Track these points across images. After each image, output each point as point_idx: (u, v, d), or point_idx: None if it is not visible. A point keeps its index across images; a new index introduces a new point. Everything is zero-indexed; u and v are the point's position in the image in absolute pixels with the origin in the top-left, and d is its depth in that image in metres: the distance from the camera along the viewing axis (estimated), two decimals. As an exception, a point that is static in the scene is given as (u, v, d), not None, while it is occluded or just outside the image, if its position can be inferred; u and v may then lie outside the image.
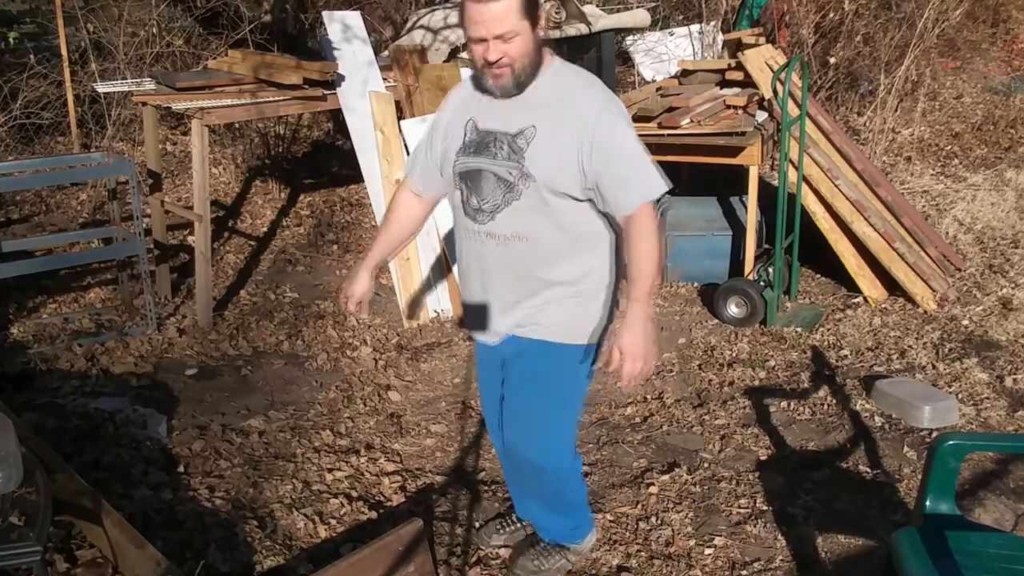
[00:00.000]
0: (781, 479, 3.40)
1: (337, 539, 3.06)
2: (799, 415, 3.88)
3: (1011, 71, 9.58)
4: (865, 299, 4.93)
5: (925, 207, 6.08)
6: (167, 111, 5.17)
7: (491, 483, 3.40)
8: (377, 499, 3.30)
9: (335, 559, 2.72)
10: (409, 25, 7.02)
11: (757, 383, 4.17)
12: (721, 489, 3.35)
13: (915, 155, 7.13)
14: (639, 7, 8.45)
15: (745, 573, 2.91)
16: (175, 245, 5.75)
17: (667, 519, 3.17)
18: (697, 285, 5.21)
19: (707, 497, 3.30)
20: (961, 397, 3.94)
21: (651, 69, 8.31)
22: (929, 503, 2.41)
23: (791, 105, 4.92)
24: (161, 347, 4.46)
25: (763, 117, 4.91)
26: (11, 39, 7.42)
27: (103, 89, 5.60)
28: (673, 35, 8.59)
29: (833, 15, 7.56)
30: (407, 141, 4.85)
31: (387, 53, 5.74)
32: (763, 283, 4.75)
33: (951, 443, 2.44)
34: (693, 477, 3.42)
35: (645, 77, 8.25)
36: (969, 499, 3.21)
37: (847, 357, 4.38)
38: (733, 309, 4.75)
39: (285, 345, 4.58)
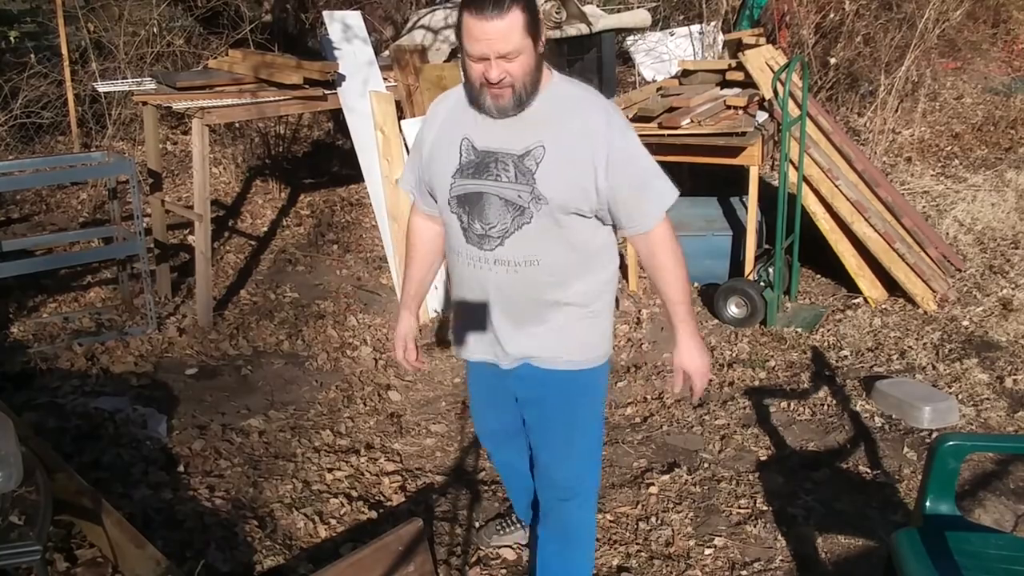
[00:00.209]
0: (781, 479, 3.40)
1: (337, 539, 3.06)
2: (799, 415, 3.88)
3: (1011, 72, 9.57)
4: (865, 300, 4.93)
5: (925, 208, 6.08)
6: (167, 111, 5.17)
7: (491, 483, 3.40)
8: (377, 499, 3.30)
9: (335, 559, 2.72)
10: (410, 25, 7.02)
11: (757, 383, 4.17)
12: (721, 489, 3.35)
13: (915, 156, 7.13)
14: (639, 7, 8.45)
15: (745, 573, 2.91)
16: (175, 245, 5.75)
17: (667, 519, 3.17)
18: (697, 285, 5.21)
19: (707, 497, 3.30)
20: (961, 398, 3.94)
21: (651, 69, 8.30)
22: (929, 503, 2.42)
23: (791, 105, 4.92)
24: (161, 347, 4.46)
25: (763, 117, 4.91)
26: (12, 38, 7.41)
27: (103, 88, 5.60)
28: (673, 35, 8.58)
29: (833, 15, 7.55)
30: (407, 141, 4.85)
31: (387, 53, 5.74)
32: (763, 283, 4.75)
33: (951, 444, 2.44)
34: (693, 477, 3.42)
35: (645, 77, 8.24)
36: (969, 499, 3.21)
37: (847, 357, 4.38)
38: (733, 309, 4.75)
39: (285, 345, 4.58)
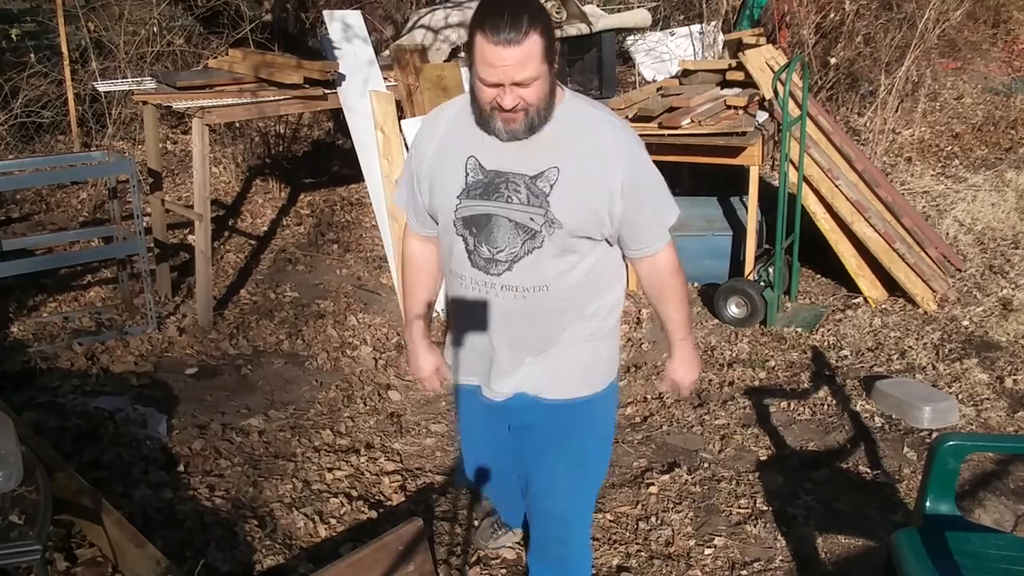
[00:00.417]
0: (781, 479, 3.40)
1: (337, 539, 3.06)
2: (799, 415, 3.88)
3: (1012, 72, 9.56)
4: (865, 299, 4.93)
5: (925, 208, 6.08)
6: (168, 110, 5.16)
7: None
8: (377, 499, 3.30)
9: (335, 559, 2.72)
10: (410, 24, 7.01)
11: (757, 383, 4.17)
12: (721, 489, 3.35)
13: (915, 156, 7.13)
14: (640, 7, 8.44)
15: (745, 573, 2.91)
16: (175, 244, 5.75)
17: (667, 519, 3.17)
18: (697, 285, 5.20)
19: (707, 497, 3.30)
20: (961, 398, 3.94)
21: (652, 69, 8.30)
22: (929, 503, 2.42)
23: (791, 105, 4.92)
24: (161, 346, 4.46)
25: (764, 117, 4.91)
26: (14, 35, 7.41)
27: (103, 88, 5.60)
28: (674, 35, 8.58)
29: (834, 15, 7.55)
30: (407, 141, 4.85)
31: (388, 52, 5.74)
32: (763, 283, 4.75)
33: (951, 444, 2.44)
34: (693, 477, 3.42)
35: (646, 77, 8.24)
36: (969, 499, 3.22)
37: (847, 357, 4.38)
38: (733, 309, 4.75)
39: (285, 344, 4.58)
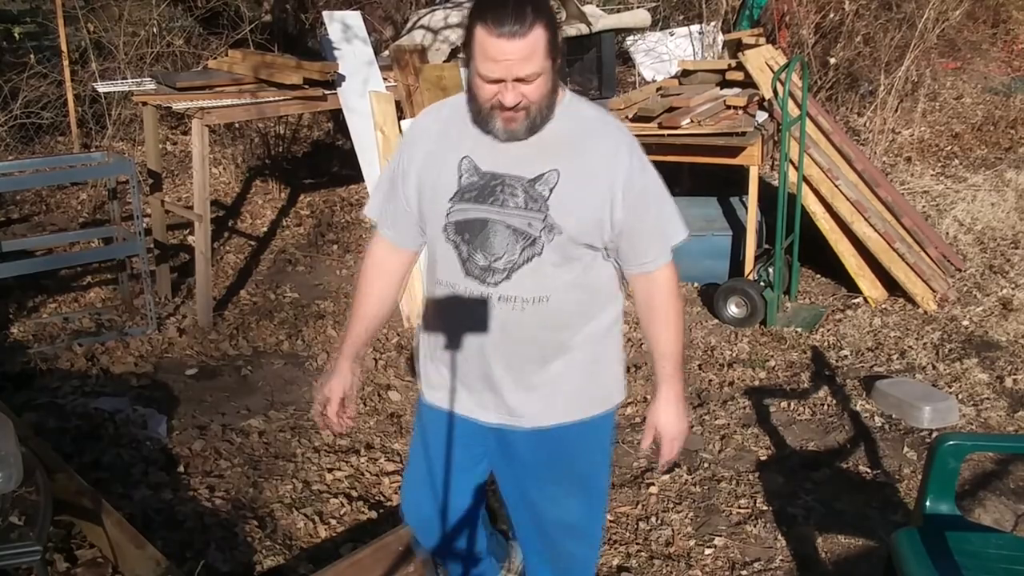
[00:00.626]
0: (781, 479, 3.40)
1: (337, 539, 3.06)
2: (799, 415, 3.88)
3: (1011, 71, 9.57)
4: (865, 299, 4.93)
5: (925, 207, 6.08)
6: (167, 111, 5.17)
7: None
8: (377, 499, 3.30)
9: (335, 559, 2.72)
10: (409, 25, 7.02)
11: (757, 383, 4.17)
12: (721, 489, 3.35)
13: (915, 155, 7.13)
14: (639, 7, 8.45)
15: (745, 573, 2.91)
16: (175, 245, 5.74)
17: (667, 519, 3.17)
18: (697, 285, 5.20)
19: (707, 497, 3.30)
20: (961, 397, 3.94)
21: (651, 69, 8.30)
22: (929, 503, 2.42)
23: (791, 105, 4.92)
24: (161, 347, 4.46)
25: (763, 117, 4.91)
26: (17, 34, 7.41)
27: (103, 89, 5.60)
28: (673, 35, 8.58)
29: (833, 15, 7.56)
30: (407, 141, 4.84)
31: (387, 53, 5.74)
32: (763, 283, 4.75)
33: (951, 443, 2.44)
34: (693, 477, 3.42)
35: (645, 77, 8.24)
36: (969, 499, 3.21)
37: (847, 357, 4.38)
38: (733, 309, 4.75)
39: (285, 345, 4.58)
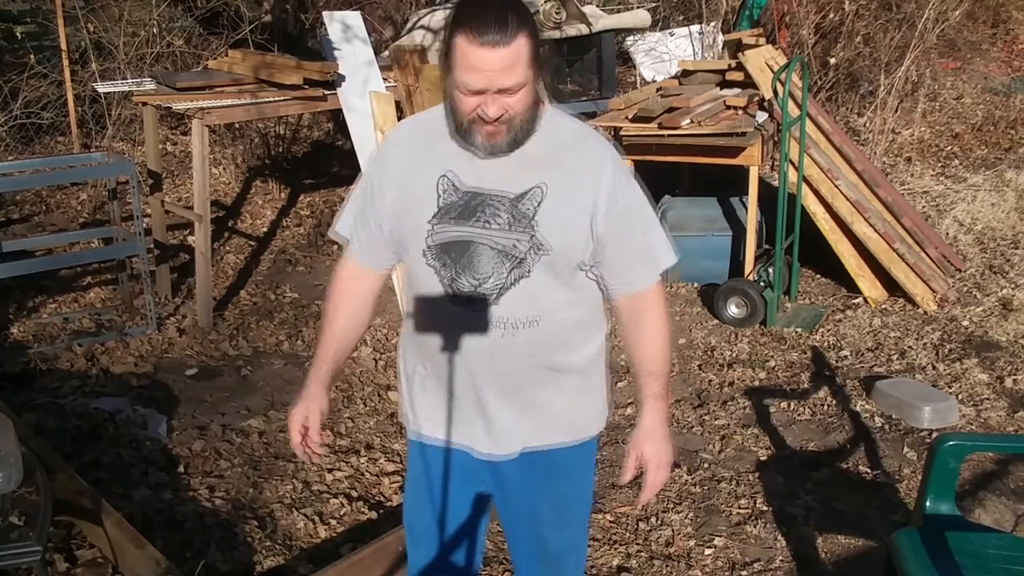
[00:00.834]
0: (781, 479, 3.40)
1: (337, 539, 3.06)
2: (799, 415, 3.88)
3: (1011, 72, 9.57)
4: (865, 300, 4.93)
5: (925, 208, 6.08)
6: (167, 111, 5.17)
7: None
8: (377, 499, 3.30)
9: (335, 559, 2.72)
10: (409, 25, 7.02)
11: (757, 383, 4.17)
12: (721, 489, 3.35)
13: (915, 156, 7.13)
14: (639, 7, 8.44)
15: (745, 573, 2.91)
16: (175, 245, 5.75)
17: (667, 519, 3.17)
18: (697, 285, 5.20)
19: (707, 497, 3.30)
20: (961, 398, 3.94)
21: (651, 69, 8.30)
22: (929, 503, 2.42)
23: (791, 105, 4.92)
24: (161, 347, 4.46)
25: (763, 117, 4.91)
26: (18, 33, 7.41)
27: (103, 89, 5.60)
28: (673, 35, 8.58)
29: (833, 16, 7.56)
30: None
31: (387, 53, 5.74)
32: (763, 283, 4.75)
33: (951, 444, 2.44)
34: (693, 477, 3.42)
35: (645, 77, 8.24)
36: (969, 499, 3.21)
37: (847, 358, 4.38)
38: (733, 309, 4.75)
39: (285, 345, 4.58)
